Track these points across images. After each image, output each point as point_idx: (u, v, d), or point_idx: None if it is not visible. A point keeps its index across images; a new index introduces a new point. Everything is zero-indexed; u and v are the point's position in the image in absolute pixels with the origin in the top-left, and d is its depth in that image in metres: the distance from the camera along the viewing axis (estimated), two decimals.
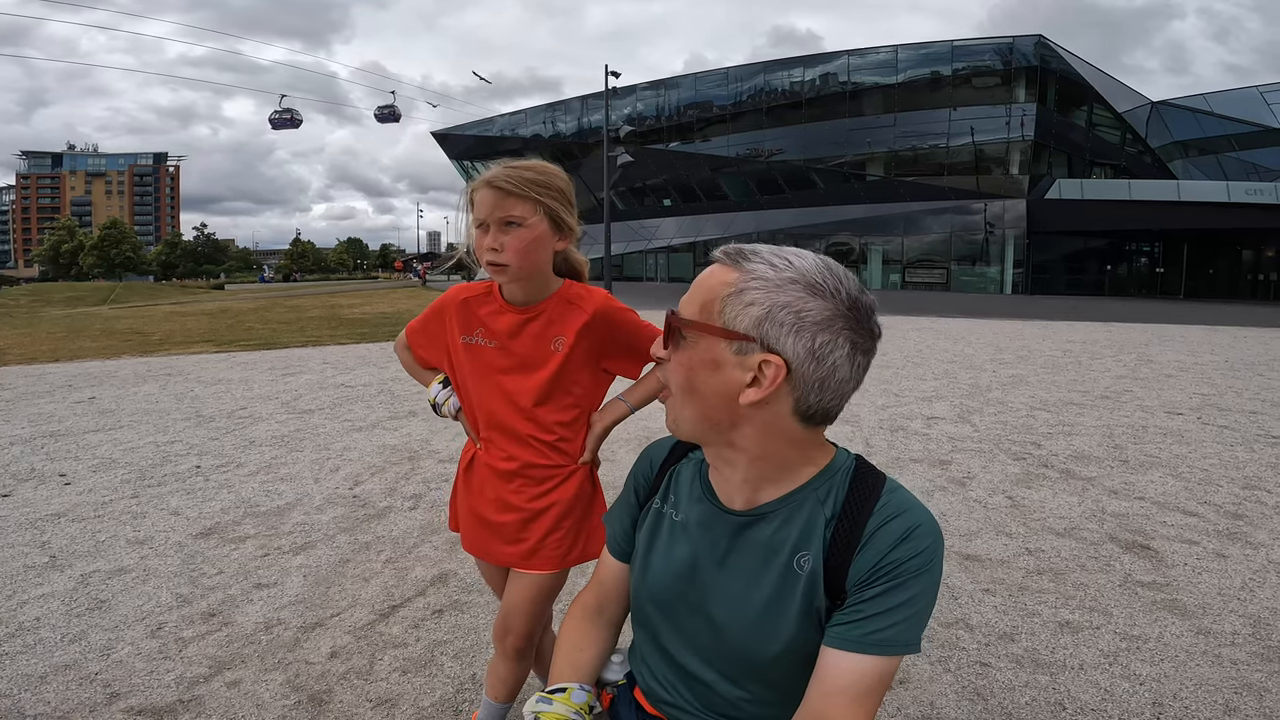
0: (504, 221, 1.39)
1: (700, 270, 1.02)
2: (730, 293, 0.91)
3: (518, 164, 1.42)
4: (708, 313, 0.93)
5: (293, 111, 39.83)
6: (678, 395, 0.97)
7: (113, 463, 4.42)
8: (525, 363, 1.49)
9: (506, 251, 1.40)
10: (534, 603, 1.55)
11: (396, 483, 4.09)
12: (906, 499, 0.97)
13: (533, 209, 1.40)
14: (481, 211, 1.40)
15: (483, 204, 1.40)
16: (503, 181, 1.39)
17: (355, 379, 7.82)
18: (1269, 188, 26.92)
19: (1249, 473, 4.31)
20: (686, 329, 0.95)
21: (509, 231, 1.40)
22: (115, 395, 6.75)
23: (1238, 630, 2.42)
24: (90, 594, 2.65)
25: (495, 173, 1.41)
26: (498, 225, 1.39)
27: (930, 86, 33.10)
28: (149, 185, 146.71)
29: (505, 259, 1.40)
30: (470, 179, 1.49)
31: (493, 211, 1.39)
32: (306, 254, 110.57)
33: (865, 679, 0.88)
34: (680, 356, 0.96)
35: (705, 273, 0.97)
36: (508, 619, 1.56)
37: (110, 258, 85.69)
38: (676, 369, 0.96)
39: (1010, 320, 16.73)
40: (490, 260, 1.41)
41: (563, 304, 1.51)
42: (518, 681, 1.65)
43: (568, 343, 1.48)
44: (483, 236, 1.41)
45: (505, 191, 1.39)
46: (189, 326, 14.69)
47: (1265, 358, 9.95)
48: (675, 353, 0.97)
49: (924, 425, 5.60)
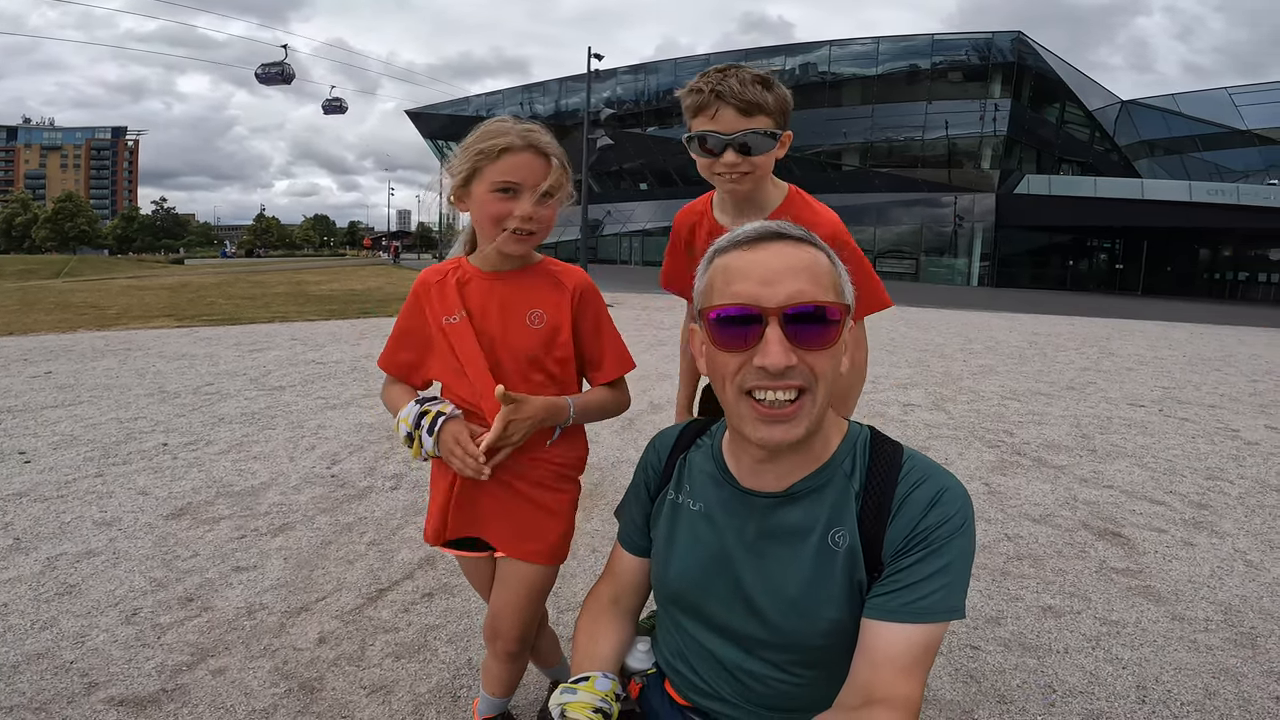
0: (545, 192, 1.30)
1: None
2: (836, 272, 0.94)
3: (539, 128, 1.33)
4: (838, 294, 0.93)
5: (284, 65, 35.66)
6: (821, 394, 0.92)
7: (74, 440, 4.25)
8: (496, 339, 1.37)
9: (538, 222, 1.31)
10: (524, 601, 1.45)
11: (376, 462, 4.01)
12: (928, 464, 0.97)
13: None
14: (520, 174, 1.28)
15: (525, 168, 1.28)
16: (557, 152, 1.30)
17: (326, 355, 7.64)
18: (1230, 188, 27.82)
19: (1211, 464, 4.46)
20: (844, 315, 0.93)
21: (547, 204, 1.31)
22: (73, 370, 6.49)
23: (1210, 617, 2.49)
24: (58, 578, 2.54)
25: (539, 137, 1.30)
26: (536, 195, 1.29)
27: (908, 79, 33.35)
28: (106, 159, 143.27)
29: (535, 227, 1.31)
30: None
31: (540, 179, 1.28)
32: (271, 230, 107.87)
33: (912, 649, 0.87)
34: (834, 349, 0.92)
35: (798, 253, 0.93)
36: (496, 621, 1.47)
37: (64, 231, 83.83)
38: (828, 362, 0.92)
39: (977, 311, 17.04)
40: (519, 228, 1.30)
41: (542, 277, 1.42)
42: (514, 680, 1.60)
43: (546, 318, 1.39)
44: (506, 201, 1.29)
45: (559, 165, 1.30)
46: (147, 301, 14.20)
47: (1221, 354, 10.29)
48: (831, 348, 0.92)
49: (901, 412, 5.68)
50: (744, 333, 0.90)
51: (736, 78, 1.41)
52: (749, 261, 0.92)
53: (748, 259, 0.92)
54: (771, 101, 1.43)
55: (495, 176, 1.28)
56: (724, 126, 1.43)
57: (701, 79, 1.46)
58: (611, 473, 3.91)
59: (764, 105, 1.42)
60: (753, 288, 0.89)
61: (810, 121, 35.53)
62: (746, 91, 1.40)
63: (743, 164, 1.45)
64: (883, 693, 0.86)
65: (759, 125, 1.43)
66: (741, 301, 0.90)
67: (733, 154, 1.44)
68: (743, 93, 1.40)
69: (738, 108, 1.41)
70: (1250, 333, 14.14)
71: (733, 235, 0.97)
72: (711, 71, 1.46)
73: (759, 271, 0.90)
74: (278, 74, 35.64)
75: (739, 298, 0.90)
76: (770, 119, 1.44)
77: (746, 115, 1.42)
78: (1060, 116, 33.89)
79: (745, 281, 0.90)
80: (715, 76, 1.44)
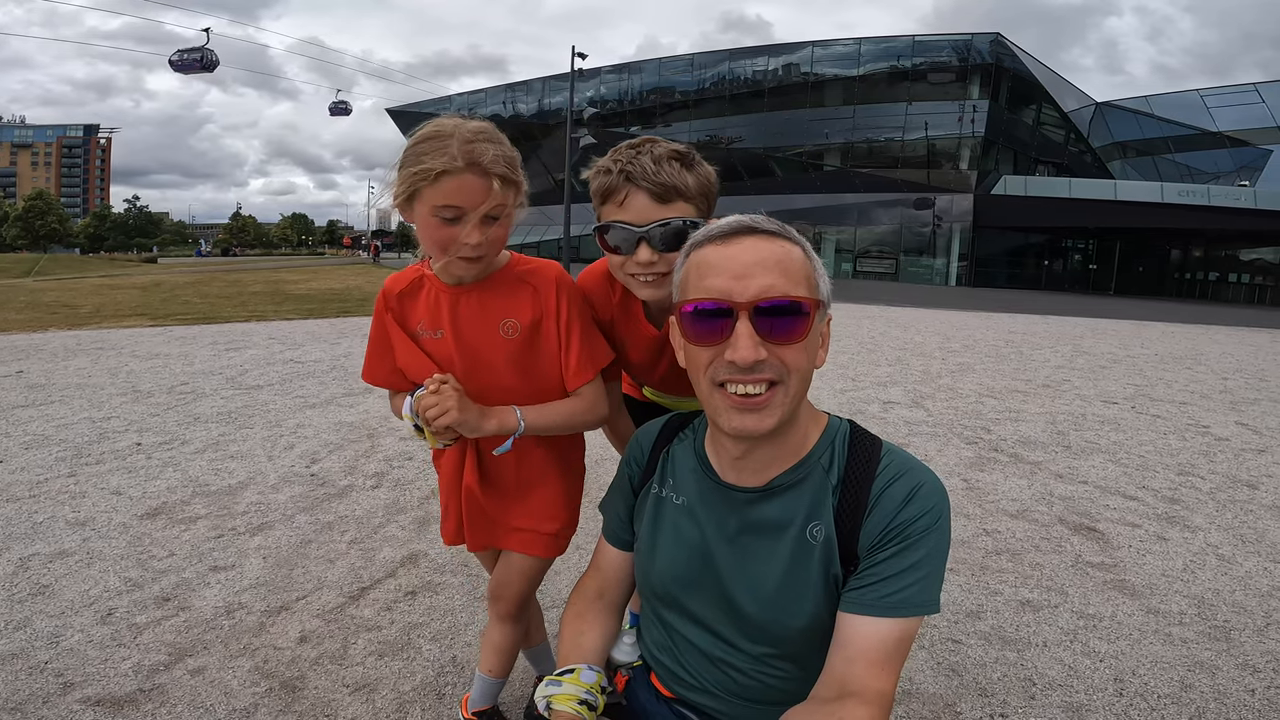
0: (490, 215, 1.16)
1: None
2: (812, 266, 0.95)
3: (484, 134, 1.16)
4: (811, 287, 0.93)
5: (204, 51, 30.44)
6: (795, 386, 0.93)
7: (46, 439, 4.16)
8: (478, 353, 1.30)
9: (492, 244, 1.19)
10: (530, 572, 1.53)
11: (356, 461, 3.97)
12: (907, 459, 0.98)
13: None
14: (461, 198, 1.13)
15: (467, 192, 1.12)
16: (502, 168, 1.13)
17: (305, 355, 7.55)
18: (1201, 189, 28.38)
19: (1182, 460, 4.55)
20: (814, 309, 0.93)
21: (490, 224, 1.17)
22: (44, 369, 6.35)
23: (1184, 610, 2.54)
24: (31, 578, 2.48)
25: (482, 152, 1.12)
26: (483, 218, 1.15)
27: (889, 80, 33.64)
28: (77, 157, 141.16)
29: (484, 252, 1.19)
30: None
31: (481, 202, 1.13)
32: (247, 228, 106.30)
33: (886, 642, 0.88)
34: (806, 342, 0.92)
35: (771, 247, 0.93)
36: (501, 588, 1.54)
37: (35, 229, 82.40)
38: (800, 355, 0.92)
39: (955, 311, 17.24)
40: (466, 255, 1.18)
41: (510, 283, 1.32)
42: (511, 650, 1.62)
43: (520, 326, 1.31)
44: (448, 227, 1.15)
45: (503, 181, 1.14)
46: (120, 300, 13.92)
47: (1192, 352, 10.51)
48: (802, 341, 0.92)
49: (881, 409, 5.73)
50: (716, 326, 0.91)
51: (650, 155, 1.20)
52: (722, 256, 0.92)
53: (721, 253, 0.93)
54: (692, 184, 1.22)
55: (435, 200, 1.14)
56: (635, 216, 1.21)
57: (611, 155, 1.25)
58: (595, 470, 3.91)
59: (682, 189, 1.21)
60: (725, 282, 0.90)
61: (793, 122, 35.76)
62: (661, 172, 1.19)
63: (659, 263, 1.22)
64: (856, 685, 0.86)
65: (675, 213, 1.21)
66: (713, 296, 0.91)
67: (646, 250, 1.21)
68: (657, 174, 1.19)
69: (651, 193, 1.20)
70: (1220, 331, 14.45)
71: (708, 230, 0.98)
72: (623, 147, 1.24)
73: (731, 266, 0.91)
74: (196, 61, 30.90)
75: (710, 292, 0.91)
76: (691, 205, 1.23)
77: (663, 202, 1.20)
78: (1036, 118, 34.37)
79: (718, 276, 0.91)
80: (626, 154, 1.22)
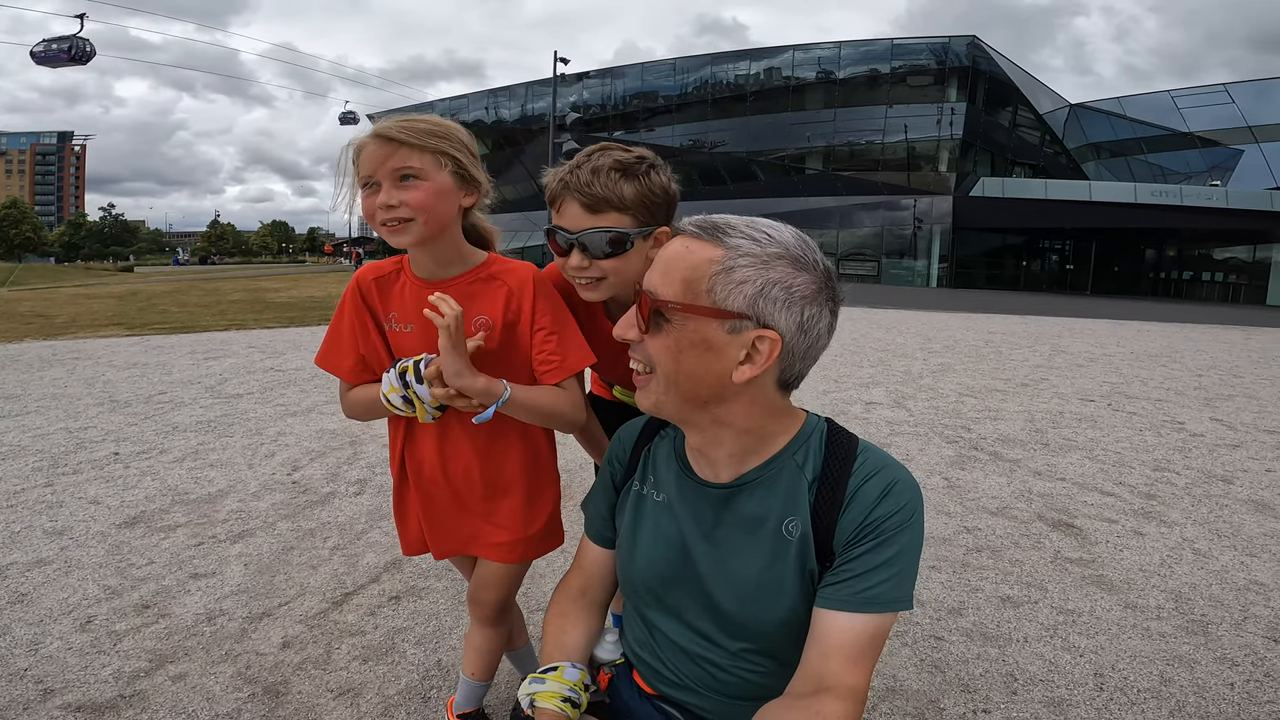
0: (398, 175, 1.18)
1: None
2: (718, 270, 0.89)
3: (409, 116, 1.23)
4: (694, 292, 0.90)
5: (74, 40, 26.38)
6: (662, 379, 0.94)
7: (21, 449, 4.09)
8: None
9: (407, 206, 1.19)
10: (506, 577, 1.52)
11: (339, 468, 3.94)
12: (882, 457, 0.99)
13: (434, 162, 1.21)
14: (369, 167, 1.19)
15: (371, 159, 1.19)
16: (395, 132, 1.18)
17: (286, 363, 7.47)
18: (1174, 189, 28.87)
19: (1158, 455, 4.63)
20: (671, 311, 0.91)
21: (407, 187, 1.19)
22: (19, 380, 6.25)
23: (1162, 605, 2.58)
24: (9, 587, 2.45)
25: (383, 124, 1.20)
26: (391, 180, 1.18)
27: (869, 84, 33.93)
28: (51, 165, 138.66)
29: (406, 213, 1.19)
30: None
31: (384, 164, 1.18)
32: (226, 236, 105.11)
33: (860, 638, 0.90)
34: (664, 340, 0.93)
35: (678, 248, 0.93)
36: (479, 592, 1.53)
37: (9, 238, 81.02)
38: (662, 353, 0.93)
39: (937, 312, 17.41)
40: (386, 219, 1.20)
41: (485, 281, 1.33)
42: (495, 653, 1.61)
43: (493, 323, 1.31)
44: (372, 197, 1.20)
45: (399, 143, 1.18)
46: (96, 309, 13.71)
47: (1167, 350, 10.69)
48: (656, 336, 0.93)
49: (863, 410, 5.79)
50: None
51: (591, 166, 1.25)
52: (663, 250, 0.97)
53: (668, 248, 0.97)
54: (629, 195, 1.24)
55: (359, 177, 1.22)
56: (569, 223, 1.27)
57: (568, 163, 1.31)
58: (579, 474, 3.91)
59: (615, 200, 1.24)
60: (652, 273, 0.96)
61: (775, 126, 35.96)
62: (595, 184, 1.24)
63: (590, 268, 1.27)
64: (831, 680, 0.87)
65: (606, 223, 1.25)
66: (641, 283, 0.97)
67: (577, 255, 1.27)
68: (590, 185, 1.24)
69: (582, 203, 1.25)
70: (1195, 329, 14.70)
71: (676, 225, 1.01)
72: (579, 154, 1.30)
73: (659, 261, 0.96)
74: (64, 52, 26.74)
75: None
76: (626, 216, 1.25)
77: (593, 212, 1.25)
78: (1013, 120, 34.79)
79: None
80: (575, 162, 1.29)
